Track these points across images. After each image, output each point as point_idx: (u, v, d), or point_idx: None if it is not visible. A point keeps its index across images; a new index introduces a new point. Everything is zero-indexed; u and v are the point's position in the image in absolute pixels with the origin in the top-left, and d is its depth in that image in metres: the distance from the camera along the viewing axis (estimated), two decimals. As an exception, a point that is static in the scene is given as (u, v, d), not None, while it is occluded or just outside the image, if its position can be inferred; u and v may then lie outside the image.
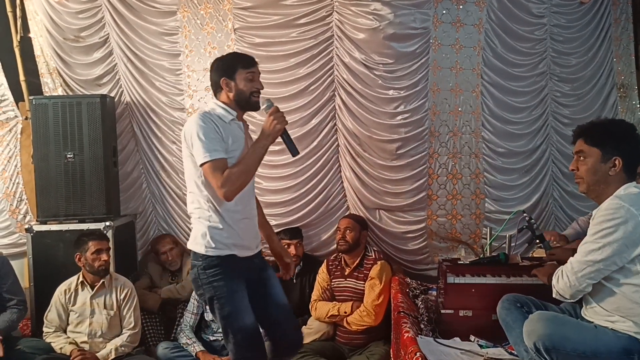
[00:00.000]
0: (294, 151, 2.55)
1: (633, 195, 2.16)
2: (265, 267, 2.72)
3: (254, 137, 2.59)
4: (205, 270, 2.47)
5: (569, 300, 2.29)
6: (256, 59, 2.60)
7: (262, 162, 4.08)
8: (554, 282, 2.29)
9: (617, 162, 2.21)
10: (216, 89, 2.58)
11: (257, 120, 3.85)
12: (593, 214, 2.23)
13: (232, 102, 2.54)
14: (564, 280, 2.23)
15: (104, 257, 3.46)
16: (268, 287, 2.67)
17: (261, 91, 2.58)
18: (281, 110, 2.50)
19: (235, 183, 2.37)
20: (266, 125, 2.46)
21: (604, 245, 2.11)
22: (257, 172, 3.99)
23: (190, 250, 2.54)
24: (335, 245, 4.00)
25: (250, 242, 2.59)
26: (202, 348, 3.62)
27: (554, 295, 2.31)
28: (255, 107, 2.56)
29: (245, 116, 2.66)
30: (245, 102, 2.54)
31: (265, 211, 4.04)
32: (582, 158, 2.30)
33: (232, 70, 2.52)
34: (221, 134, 2.42)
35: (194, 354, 3.62)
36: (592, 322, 2.24)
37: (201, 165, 2.38)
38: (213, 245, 2.47)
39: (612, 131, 2.29)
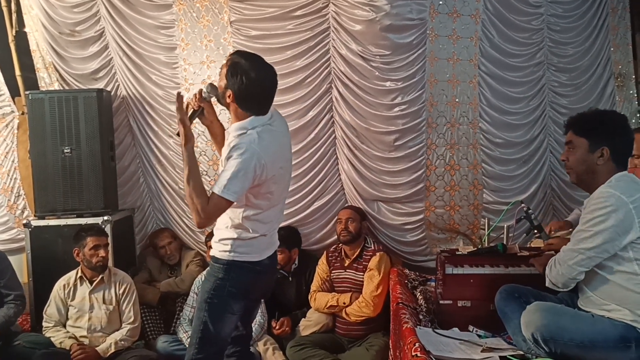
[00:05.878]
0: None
1: (624, 184, 2.16)
2: None
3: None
4: None
5: (562, 290, 2.29)
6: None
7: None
8: (547, 271, 2.30)
9: (604, 152, 2.22)
10: None
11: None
12: (585, 203, 2.24)
13: None
14: (556, 269, 2.24)
15: (101, 253, 3.45)
16: None
17: None
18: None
19: None
20: None
21: (595, 233, 2.12)
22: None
23: None
24: (333, 238, 4.01)
25: None
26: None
27: (547, 284, 2.32)
28: None
29: None
30: None
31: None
32: (571, 148, 2.32)
33: None
34: None
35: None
36: (589, 312, 2.24)
37: None
38: None
39: (601, 121, 2.31)
